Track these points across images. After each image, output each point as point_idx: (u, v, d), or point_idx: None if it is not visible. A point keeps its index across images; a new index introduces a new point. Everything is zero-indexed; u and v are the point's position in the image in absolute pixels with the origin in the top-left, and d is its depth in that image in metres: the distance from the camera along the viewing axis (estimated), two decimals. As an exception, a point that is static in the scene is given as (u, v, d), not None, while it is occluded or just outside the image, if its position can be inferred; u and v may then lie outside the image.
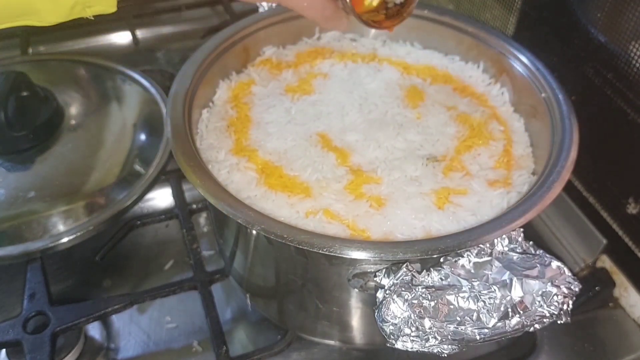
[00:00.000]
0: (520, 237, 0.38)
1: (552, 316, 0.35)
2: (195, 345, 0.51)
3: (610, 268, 0.54)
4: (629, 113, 0.49)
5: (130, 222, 0.57)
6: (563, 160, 0.41)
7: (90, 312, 0.48)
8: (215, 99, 0.52)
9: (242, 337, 0.52)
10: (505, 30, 0.64)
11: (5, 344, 0.46)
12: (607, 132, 0.53)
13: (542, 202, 0.38)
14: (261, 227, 0.36)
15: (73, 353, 0.48)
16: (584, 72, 0.54)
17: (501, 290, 0.35)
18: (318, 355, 0.49)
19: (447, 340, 0.34)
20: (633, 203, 0.50)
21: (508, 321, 0.35)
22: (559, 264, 0.37)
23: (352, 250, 0.35)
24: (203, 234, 0.60)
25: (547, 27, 0.59)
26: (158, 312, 0.53)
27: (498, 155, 0.48)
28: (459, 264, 0.36)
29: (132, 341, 0.51)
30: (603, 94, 0.52)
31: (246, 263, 0.48)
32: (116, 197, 0.54)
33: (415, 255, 0.35)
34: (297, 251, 0.39)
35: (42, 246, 0.50)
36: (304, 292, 0.44)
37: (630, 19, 0.47)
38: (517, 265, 0.36)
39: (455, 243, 0.36)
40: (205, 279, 0.52)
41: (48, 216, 0.52)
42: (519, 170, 0.47)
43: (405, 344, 0.35)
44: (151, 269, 0.57)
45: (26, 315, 0.47)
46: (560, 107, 0.46)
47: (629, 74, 0.48)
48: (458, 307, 0.35)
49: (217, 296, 0.51)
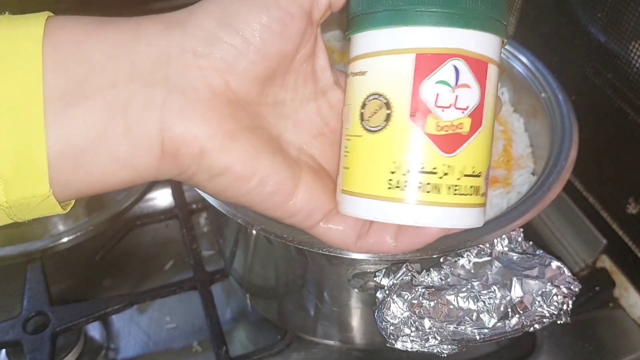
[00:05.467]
0: (520, 237, 0.38)
1: (552, 316, 0.35)
2: (195, 345, 0.51)
3: (610, 268, 0.54)
4: (629, 113, 0.49)
5: (130, 222, 0.57)
6: (563, 160, 0.41)
7: (90, 312, 0.48)
8: (215, 99, 0.52)
9: (242, 337, 0.52)
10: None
11: (5, 344, 0.46)
12: (607, 132, 0.53)
13: (542, 202, 0.38)
14: (261, 227, 0.36)
15: (73, 353, 0.48)
16: (584, 72, 0.54)
17: (501, 290, 0.35)
18: (318, 355, 0.49)
19: (447, 340, 0.34)
20: (633, 203, 0.50)
21: (508, 321, 0.35)
22: (558, 264, 0.37)
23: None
24: (203, 234, 0.60)
25: (547, 27, 0.59)
26: (158, 312, 0.53)
27: (498, 155, 0.48)
28: (458, 264, 0.36)
29: (132, 341, 0.51)
30: (603, 94, 0.52)
31: (246, 263, 0.48)
32: (116, 197, 0.54)
33: (415, 255, 0.35)
34: (297, 251, 0.39)
35: (42, 246, 0.50)
36: (304, 292, 0.44)
37: (630, 19, 0.47)
38: (517, 265, 0.36)
39: (455, 243, 0.36)
40: (205, 279, 0.52)
41: (48, 216, 0.52)
42: (518, 170, 0.47)
43: (405, 344, 0.35)
44: (151, 269, 0.57)
45: (26, 316, 0.47)
46: (560, 107, 0.46)
47: (629, 74, 0.48)
48: (458, 307, 0.35)
49: (217, 296, 0.51)
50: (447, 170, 0.26)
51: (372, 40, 0.26)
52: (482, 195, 0.27)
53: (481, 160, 0.27)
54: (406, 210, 0.26)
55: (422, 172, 0.25)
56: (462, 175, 0.26)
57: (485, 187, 0.28)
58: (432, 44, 0.25)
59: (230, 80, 0.25)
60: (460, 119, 0.25)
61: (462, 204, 0.26)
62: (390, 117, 0.26)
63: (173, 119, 0.24)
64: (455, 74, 0.25)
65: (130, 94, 0.23)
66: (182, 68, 0.24)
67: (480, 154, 0.26)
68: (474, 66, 0.25)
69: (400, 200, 0.26)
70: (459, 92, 0.25)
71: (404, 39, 0.25)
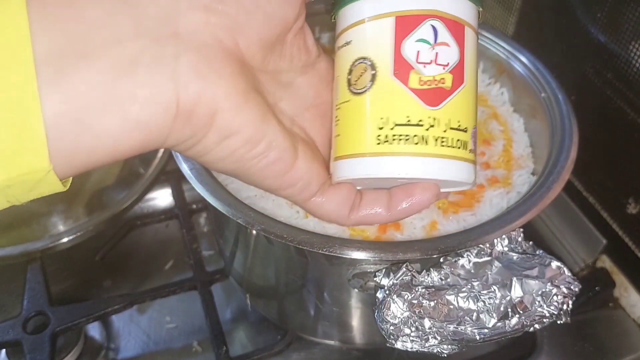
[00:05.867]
0: (520, 237, 0.38)
1: (552, 316, 0.35)
2: (195, 345, 0.51)
3: (610, 268, 0.54)
4: (629, 113, 0.49)
5: (130, 222, 0.57)
6: (563, 160, 0.41)
7: (90, 312, 0.48)
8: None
9: (242, 337, 0.52)
10: (505, 30, 0.64)
11: (5, 344, 0.46)
12: (607, 132, 0.53)
13: (542, 202, 0.38)
14: (261, 227, 0.36)
15: (73, 353, 0.48)
16: (584, 72, 0.54)
17: (501, 290, 0.35)
18: (318, 355, 0.49)
19: (447, 340, 0.34)
20: (633, 203, 0.50)
21: (508, 321, 0.35)
22: (558, 264, 0.37)
23: (352, 251, 0.35)
24: (203, 234, 0.60)
25: (547, 27, 0.59)
26: (158, 312, 0.53)
27: (498, 155, 0.48)
28: (458, 264, 0.36)
29: (132, 341, 0.51)
30: (603, 94, 0.52)
31: (246, 263, 0.48)
32: (116, 197, 0.54)
33: (415, 255, 0.35)
34: (297, 251, 0.39)
35: (42, 246, 0.50)
36: (303, 292, 0.44)
37: (630, 19, 0.47)
38: (517, 265, 0.36)
39: (455, 243, 0.36)
40: (205, 279, 0.52)
41: (48, 216, 0.52)
42: (518, 170, 0.47)
43: (405, 344, 0.35)
44: (151, 269, 0.57)
45: (26, 315, 0.47)
46: (560, 107, 0.46)
47: (629, 74, 0.48)
48: (458, 307, 0.35)
49: (217, 296, 0.51)
50: (433, 122, 0.27)
51: (355, 12, 0.28)
52: (471, 152, 0.28)
53: (466, 116, 0.28)
54: (396, 163, 0.27)
55: (409, 124, 0.26)
56: (449, 128, 0.27)
57: (472, 144, 0.28)
58: (410, 7, 0.27)
59: (240, 41, 0.25)
60: (442, 74, 0.27)
61: (450, 155, 0.27)
62: (376, 77, 0.27)
63: (188, 76, 0.23)
64: (434, 32, 0.27)
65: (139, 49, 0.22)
66: (192, 24, 0.23)
67: (465, 109, 0.28)
68: (451, 26, 0.27)
69: (391, 153, 0.27)
70: (439, 50, 0.27)
71: (384, 5, 0.27)
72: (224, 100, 0.24)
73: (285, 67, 0.29)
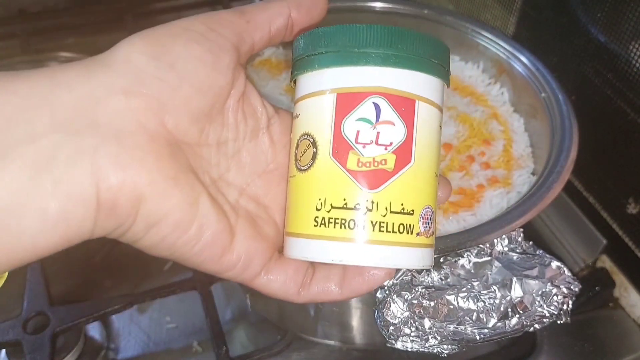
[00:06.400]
0: (520, 237, 0.38)
1: (552, 316, 0.35)
2: (195, 345, 0.51)
3: (610, 268, 0.54)
4: (629, 113, 0.49)
5: (130, 222, 0.57)
6: (563, 160, 0.41)
7: (90, 312, 0.48)
8: (215, 99, 0.52)
9: (242, 337, 0.52)
10: (505, 30, 0.64)
11: (5, 344, 0.46)
12: (607, 132, 0.53)
13: (542, 202, 0.38)
14: (261, 227, 0.36)
15: (73, 353, 0.48)
16: (584, 72, 0.54)
17: (501, 290, 0.35)
18: (318, 355, 0.49)
19: (447, 340, 0.35)
20: (633, 203, 0.50)
21: (508, 321, 0.35)
22: (558, 264, 0.37)
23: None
24: (203, 234, 0.60)
25: (547, 27, 0.59)
26: (158, 312, 0.53)
27: (498, 155, 0.48)
28: (458, 264, 0.36)
29: (132, 341, 0.51)
30: (603, 94, 0.52)
31: (246, 263, 0.48)
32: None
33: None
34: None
35: (42, 246, 0.50)
36: (303, 292, 0.44)
37: (630, 19, 0.47)
38: (517, 265, 0.36)
39: (455, 243, 0.36)
40: (205, 279, 0.52)
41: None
42: (518, 170, 0.47)
43: (405, 344, 0.35)
44: (151, 269, 0.57)
45: (26, 316, 0.47)
46: (560, 107, 0.46)
47: (629, 74, 0.48)
48: (458, 307, 0.35)
49: (217, 296, 0.51)
50: (371, 206, 0.25)
51: (303, 85, 0.27)
52: (419, 235, 0.26)
53: (413, 197, 0.26)
54: (331, 247, 0.25)
55: (345, 208, 0.25)
56: (389, 212, 0.25)
57: (423, 226, 0.26)
58: (351, 83, 0.25)
59: (167, 120, 0.24)
60: (383, 155, 0.25)
61: (390, 242, 0.25)
62: (316, 156, 0.26)
63: (108, 168, 0.22)
64: (376, 111, 0.25)
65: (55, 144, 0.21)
66: (111, 111, 0.22)
67: (411, 190, 0.26)
68: (398, 103, 0.25)
69: (327, 237, 0.25)
70: (381, 129, 0.25)
71: (325, 80, 0.26)
72: (148, 187, 0.23)
73: (232, 136, 0.27)
